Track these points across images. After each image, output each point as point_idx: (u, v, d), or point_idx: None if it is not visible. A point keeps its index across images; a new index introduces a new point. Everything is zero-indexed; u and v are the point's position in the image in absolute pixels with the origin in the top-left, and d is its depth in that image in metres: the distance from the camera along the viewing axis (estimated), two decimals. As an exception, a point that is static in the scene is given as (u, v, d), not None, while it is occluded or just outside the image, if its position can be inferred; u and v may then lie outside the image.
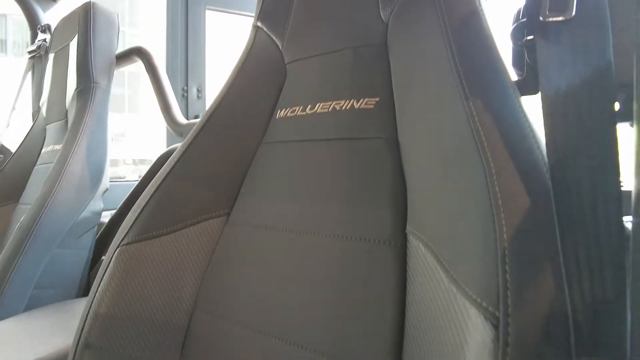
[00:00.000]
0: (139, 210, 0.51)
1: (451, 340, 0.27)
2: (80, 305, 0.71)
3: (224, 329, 0.46)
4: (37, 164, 1.07)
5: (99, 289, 0.48)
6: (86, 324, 0.47)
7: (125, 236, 0.50)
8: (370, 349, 0.35)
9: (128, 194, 1.01)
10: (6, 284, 0.75)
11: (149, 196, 0.51)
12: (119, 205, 1.02)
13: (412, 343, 0.33)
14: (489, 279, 0.25)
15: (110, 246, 0.51)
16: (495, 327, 0.24)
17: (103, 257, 1.00)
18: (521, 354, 0.23)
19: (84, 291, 0.89)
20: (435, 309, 0.30)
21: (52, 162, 0.95)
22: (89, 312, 0.48)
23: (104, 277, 0.49)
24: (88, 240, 0.88)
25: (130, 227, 0.50)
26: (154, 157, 1.02)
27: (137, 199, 0.53)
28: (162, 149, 1.06)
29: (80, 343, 0.47)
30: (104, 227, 1.02)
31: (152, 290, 0.49)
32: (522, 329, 0.23)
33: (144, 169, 1.04)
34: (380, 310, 0.36)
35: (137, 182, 1.01)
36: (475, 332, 0.25)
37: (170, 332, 0.49)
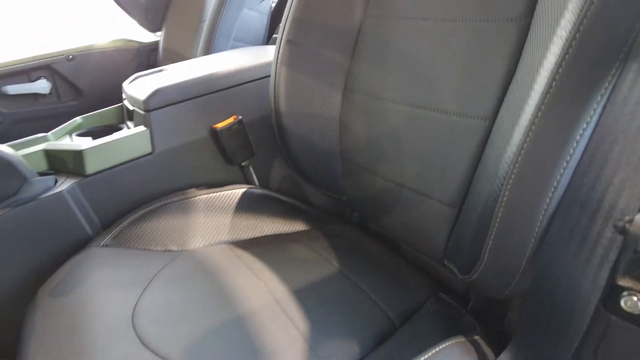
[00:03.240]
0: None
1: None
2: (265, 48, 0.95)
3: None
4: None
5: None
6: (286, 27, 0.67)
7: None
8: (482, 97, 0.46)
9: None
10: (216, 32, 1.02)
11: None
12: None
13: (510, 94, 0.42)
14: None
15: None
16: None
17: (275, 35, 1.23)
18: None
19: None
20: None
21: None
22: (287, 18, 0.67)
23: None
24: (266, 8, 1.10)
25: None
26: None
27: None
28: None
29: (282, 40, 0.67)
30: (272, 9, 1.22)
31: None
32: None
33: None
34: (492, 68, 0.45)
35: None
36: None
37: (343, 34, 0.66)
